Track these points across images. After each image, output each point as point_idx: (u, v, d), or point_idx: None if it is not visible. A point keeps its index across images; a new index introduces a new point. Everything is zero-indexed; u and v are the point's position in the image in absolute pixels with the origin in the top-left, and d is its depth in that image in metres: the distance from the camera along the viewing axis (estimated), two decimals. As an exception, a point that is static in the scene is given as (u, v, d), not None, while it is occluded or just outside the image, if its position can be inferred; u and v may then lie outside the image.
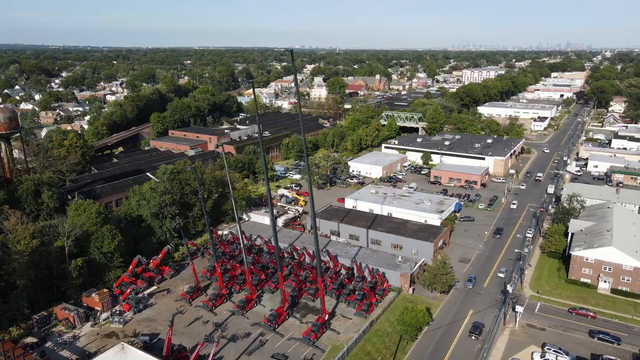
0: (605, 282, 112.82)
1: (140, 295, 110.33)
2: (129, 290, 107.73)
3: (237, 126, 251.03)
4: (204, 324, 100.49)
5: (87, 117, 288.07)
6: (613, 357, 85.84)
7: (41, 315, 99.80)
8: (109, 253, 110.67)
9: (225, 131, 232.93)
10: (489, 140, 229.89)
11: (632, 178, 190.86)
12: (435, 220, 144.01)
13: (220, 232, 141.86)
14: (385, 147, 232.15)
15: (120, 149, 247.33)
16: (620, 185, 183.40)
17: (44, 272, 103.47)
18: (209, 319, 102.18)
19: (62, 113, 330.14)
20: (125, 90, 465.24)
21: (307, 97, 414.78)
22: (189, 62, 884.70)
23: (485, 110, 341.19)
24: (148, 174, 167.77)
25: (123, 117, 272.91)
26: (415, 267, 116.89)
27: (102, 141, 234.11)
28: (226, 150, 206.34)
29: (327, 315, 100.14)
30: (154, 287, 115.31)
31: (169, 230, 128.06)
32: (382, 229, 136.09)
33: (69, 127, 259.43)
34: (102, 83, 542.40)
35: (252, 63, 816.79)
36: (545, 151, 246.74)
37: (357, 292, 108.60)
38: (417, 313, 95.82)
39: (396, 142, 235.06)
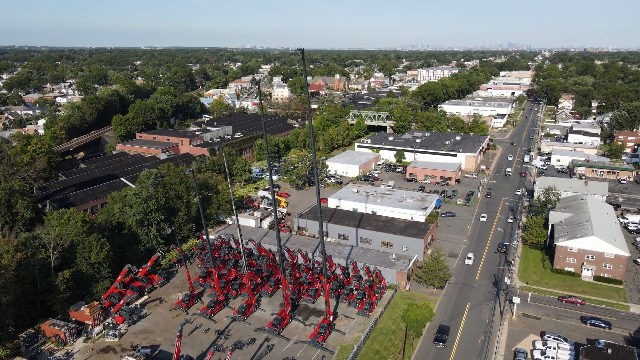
0: (588, 270, 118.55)
1: (132, 305, 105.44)
2: (122, 302, 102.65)
3: (208, 128, 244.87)
4: (204, 332, 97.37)
5: (41, 121, 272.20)
6: (610, 342, 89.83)
7: (28, 333, 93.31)
8: (97, 263, 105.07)
9: (197, 133, 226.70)
10: (458, 138, 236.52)
11: (593, 170, 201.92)
12: (420, 217, 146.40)
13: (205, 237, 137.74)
14: (359, 146, 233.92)
15: (82, 153, 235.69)
16: (584, 177, 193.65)
17: (28, 286, 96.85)
18: (209, 327, 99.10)
19: (10, 117, 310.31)
20: (76, 92, 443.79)
21: (269, 98, 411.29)
22: (139, 62, 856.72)
23: (446, 108, 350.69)
24: (123, 179, 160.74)
25: (82, 120, 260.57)
26: (410, 264, 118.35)
27: (63, 146, 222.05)
28: (199, 153, 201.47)
29: (332, 316, 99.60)
30: (145, 297, 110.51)
31: (156, 237, 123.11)
32: (370, 227, 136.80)
33: (22, 132, 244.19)
34: (49, 85, 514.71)
35: (205, 63, 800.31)
36: (509, 158, 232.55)
37: (357, 292, 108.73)
38: (423, 309, 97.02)
39: (369, 140, 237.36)
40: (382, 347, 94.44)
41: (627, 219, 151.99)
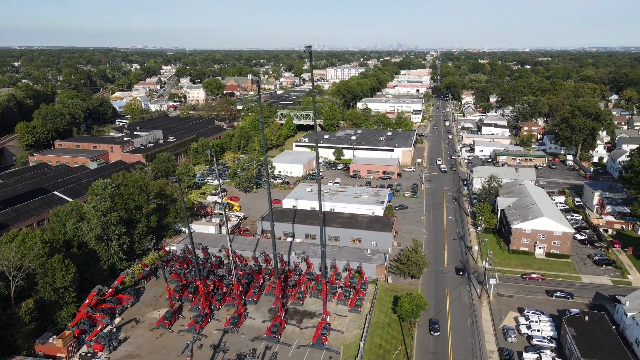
0: (540, 248, 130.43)
1: (107, 330, 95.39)
2: (99, 327, 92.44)
3: (136, 133, 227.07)
4: (199, 349, 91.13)
5: None
6: (584, 310, 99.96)
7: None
8: (62, 288, 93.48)
9: (126, 139, 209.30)
10: (389, 134, 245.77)
11: (512, 159, 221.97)
12: (379, 211, 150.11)
13: (167, 248, 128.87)
14: (297, 146, 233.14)
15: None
16: (506, 164, 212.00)
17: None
18: (202, 343, 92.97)
19: None
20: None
21: (184, 100, 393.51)
22: (17, 63, 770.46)
23: (364, 105, 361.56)
24: (57, 192, 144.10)
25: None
26: (387, 258, 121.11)
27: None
28: (135, 160, 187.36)
29: (328, 316, 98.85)
30: (118, 319, 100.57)
31: (117, 253, 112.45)
32: (337, 224, 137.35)
33: None
34: None
35: (98, 64, 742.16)
36: (438, 162, 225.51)
37: (342, 289, 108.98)
38: (418, 300, 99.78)
39: (307, 140, 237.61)
40: (383, 341, 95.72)
41: (554, 199, 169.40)
